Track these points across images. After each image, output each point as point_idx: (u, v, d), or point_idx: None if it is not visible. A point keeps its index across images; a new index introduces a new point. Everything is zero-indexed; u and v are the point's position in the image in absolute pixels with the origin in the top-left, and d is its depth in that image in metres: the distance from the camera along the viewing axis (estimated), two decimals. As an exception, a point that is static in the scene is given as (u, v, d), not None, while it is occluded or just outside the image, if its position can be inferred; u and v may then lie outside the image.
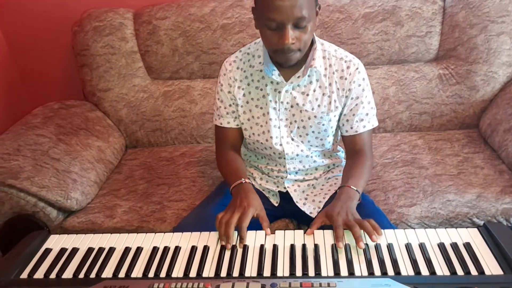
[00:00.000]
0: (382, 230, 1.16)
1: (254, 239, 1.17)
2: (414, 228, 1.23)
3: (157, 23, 2.08)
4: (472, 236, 1.13)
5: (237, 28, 2.05)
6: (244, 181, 1.33)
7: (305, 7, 1.15)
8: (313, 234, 1.16)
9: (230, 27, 2.05)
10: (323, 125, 1.39)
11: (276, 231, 1.19)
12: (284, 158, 1.45)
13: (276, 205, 1.50)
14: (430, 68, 2.05)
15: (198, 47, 2.08)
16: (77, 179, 1.75)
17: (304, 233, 1.18)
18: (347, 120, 1.41)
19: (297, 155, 1.44)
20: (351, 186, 1.30)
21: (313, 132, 1.41)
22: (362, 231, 1.13)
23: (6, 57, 2.42)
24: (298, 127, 1.41)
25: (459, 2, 1.97)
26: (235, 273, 1.06)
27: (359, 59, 2.00)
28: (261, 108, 1.40)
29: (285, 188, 1.49)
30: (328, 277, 1.02)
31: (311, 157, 1.46)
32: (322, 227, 1.18)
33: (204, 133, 2.14)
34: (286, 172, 1.48)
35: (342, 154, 1.59)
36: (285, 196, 1.50)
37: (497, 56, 1.94)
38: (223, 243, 1.15)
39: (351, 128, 1.41)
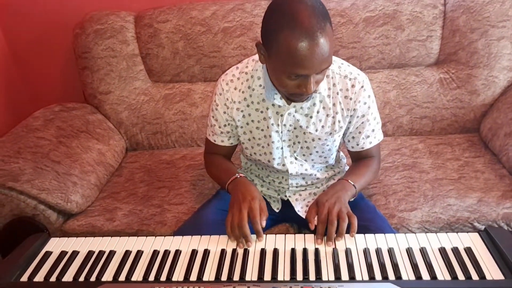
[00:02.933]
0: (383, 235, 1.16)
1: (254, 242, 1.17)
2: (415, 233, 1.23)
3: (158, 26, 2.08)
4: (473, 241, 1.13)
5: (238, 31, 2.05)
6: (239, 176, 1.32)
7: (331, 53, 1.08)
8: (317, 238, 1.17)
9: (231, 30, 2.05)
10: (327, 145, 1.37)
11: (277, 235, 1.19)
12: (288, 175, 1.43)
13: (277, 211, 1.50)
14: (431, 72, 2.05)
15: (199, 50, 2.09)
16: (77, 182, 1.75)
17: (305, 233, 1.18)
18: (353, 137, 1.38)
19: (301, 173, 1.43)
20: (349, 180, 1.30)
21: (317, 152, 1.39)
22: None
23: (7, 59, 2.43)
24: (301, 147, 1.38)
25: (459, 6, 1.97)
26: (236, 277, 1.06)
27: (360, 63, 2.05)
28: (262, 130, 1.36)
29: (286, 196, 1.49)
30: (329, 281, 1.03)
31: (315, 174, 1.45)
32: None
33: (204, 136, 2.12)
34: (288, 185, 1.47)
35: (344, 160, 1.58)
36: (286, 202, 1.49)
37: (497, 61, 1.94)
38: (243, 246, 1.15)
39: (357, 145, 1.39)
